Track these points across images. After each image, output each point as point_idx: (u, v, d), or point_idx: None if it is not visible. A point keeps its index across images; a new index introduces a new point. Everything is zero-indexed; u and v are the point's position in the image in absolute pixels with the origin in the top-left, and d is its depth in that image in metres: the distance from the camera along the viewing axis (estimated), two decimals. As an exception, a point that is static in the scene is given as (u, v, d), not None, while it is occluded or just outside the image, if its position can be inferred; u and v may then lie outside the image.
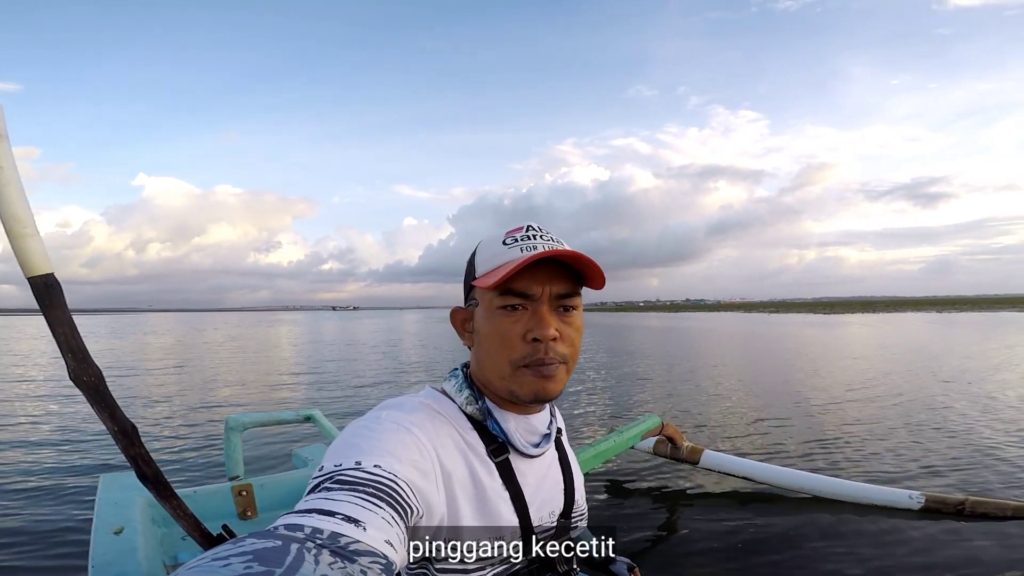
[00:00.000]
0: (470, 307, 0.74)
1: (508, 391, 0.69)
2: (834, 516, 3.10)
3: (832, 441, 4.94)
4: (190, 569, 0.36)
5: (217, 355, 15.84)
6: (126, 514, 1.68)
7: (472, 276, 0.73)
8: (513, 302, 0.68)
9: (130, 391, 8.48)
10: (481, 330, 0.70)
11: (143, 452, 1.22)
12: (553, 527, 0.75)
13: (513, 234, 0.71)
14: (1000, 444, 4.69)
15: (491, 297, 0.68)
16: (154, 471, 1.24)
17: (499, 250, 0.70)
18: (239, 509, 2.03)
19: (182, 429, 5.74)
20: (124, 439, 1.19)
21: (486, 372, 0.71)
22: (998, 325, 24.69)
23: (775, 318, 47.47)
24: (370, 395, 8.26)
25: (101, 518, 1.64)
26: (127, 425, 1.19)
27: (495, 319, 0.68)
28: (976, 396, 6.99)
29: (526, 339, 0.67)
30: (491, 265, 0.70)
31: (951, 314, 46.69)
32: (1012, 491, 3.54)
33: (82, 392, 1.13)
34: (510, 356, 0.68)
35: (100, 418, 1.17)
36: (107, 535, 1.55)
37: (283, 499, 2.14)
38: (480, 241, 0.76)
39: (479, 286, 0.69)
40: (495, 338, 0.68)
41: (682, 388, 8.34)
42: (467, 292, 0.75)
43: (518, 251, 0.68)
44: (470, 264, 0.75)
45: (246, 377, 10.59)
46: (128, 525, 1.61)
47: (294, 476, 2.24)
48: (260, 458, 4.43)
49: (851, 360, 11.76)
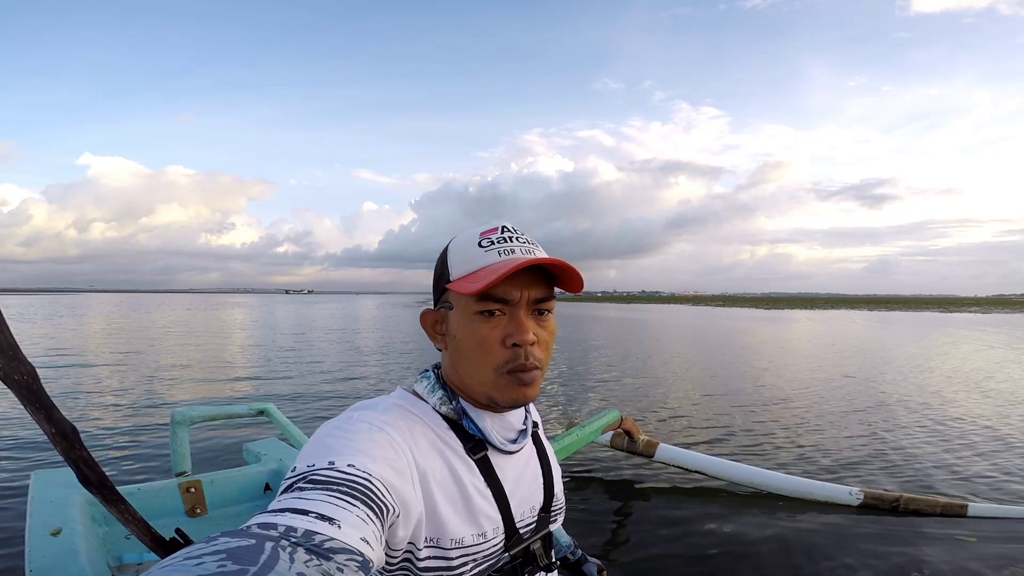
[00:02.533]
0: (442, 309, 0.71)
1: (487, 397, 0.69)
2: (779, 511, 3.24)
3: (779, 436, 5.15)
4: (163, 568, 0.35)
5: (162, 341, 15.16)
6: (64, 513, 1.56)
7: (446, 278, 0.70)
8: (492, 307, 0.66)
9: (62, 380, 8.00)
10: (458, 335, 0.68)
11: (85, 455, 1.13)
12: (534, 521, 0.75)
13: (488, 235, 0.69)
14: (932, 442, 5.00)
15: (468, 302, 0.67)
16: (98, 475, 1.15)
17: (475, 252, 0.68)
18: (187, 506, 1.93)
19: (120, 421, 5.44)
20: (64, 442, 1.09)
21: (463, 377, 0.70)
22: (934, 325, 26.33)
23: (723, 311, 49.25)
24: (326, 385, 8.07)
25: (36, 518, 1.52)
26: (66, 427, 1.09)
27: (473, 324, 0.67)
28: (913, 395, 7.42)
29: (505, 344, 0.66)
30: (468, 268, 0.68)
31: (886, 312, 49.59)
32: (946, 488, 3.78)
33: (13, 392, 1.03)
34: (491, 362, 0.67)
35: (35, 420, 1.06)
36: (44, 537, 1.44)
37: (234, 495, 2.05)
38: (452, 240, 0.73)
39: (457, 291, 0.66)
40: (473, 344, 0.67)
41: (638, 381, 8.53)
42: (438, 294, 0.72)
43: (496, 255, 0.67)
44: (442, 265, 0.72)
45: (193, 364, 10.18)
46: (66, 525, 1.50)
47: (246, 472, 2.15)
48: (208, 451, 4.26)
49: (797, 355, 12.30)
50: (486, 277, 0.64)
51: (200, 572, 0.34)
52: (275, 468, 2.21)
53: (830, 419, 5.87)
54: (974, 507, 3.16)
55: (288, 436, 2.42)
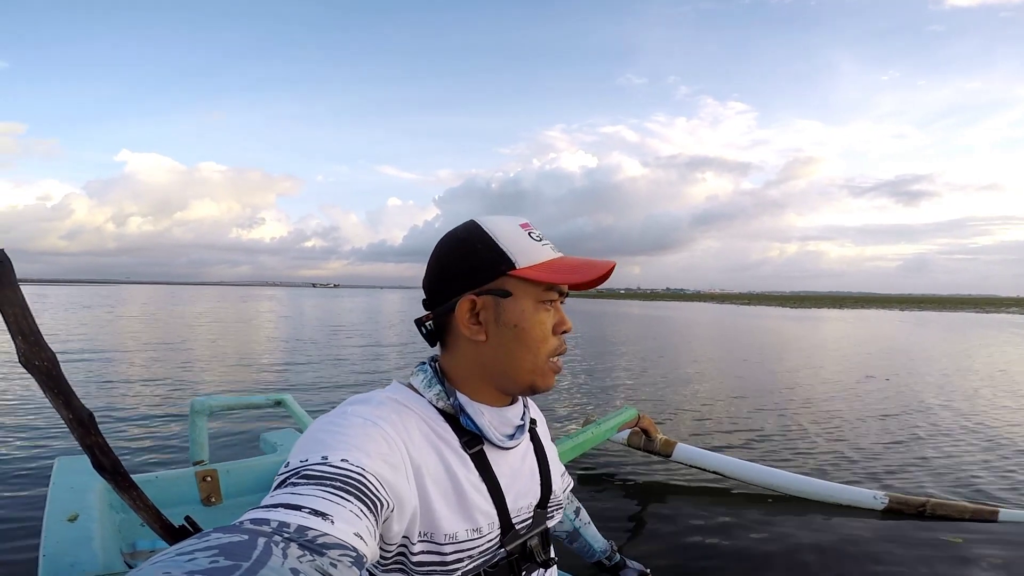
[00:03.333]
0: (489, 296, 0.69)
1: (531, 384, 0.71)
2: (801, 514, 3.16)
3: (803, 437, 5.04)
4: (154, 564, 0.35)
5: (190, 331, 15.54)
6: (82, 500, 1.61)
7: (505, 264, 0.68)
8: (555, 298, 0.71)
9: (90, 366, 8.25)
10: (520, 323, 0.69)
11: (100, 441, 1.15)
12: (530, 517, 0.75)
13: (531, 230, 0.72)
14: (962, 446, 4.83)
15: (535, 291, 0.69)
16: (112, 461, 1.18)
17: (531, 244, 0.70)
18: (203, 495, 1.97)
19: (144, 410, 5.58)
20: (80, 428, 1.12)
21: (510, 365, 0.70)
22: (967, 326, 25.49)
23: (749, 310, 48.43)
24: (345, 377, 8.17)
25: (55, 504, 1.57)
26: (83, 413, 1.12)
27: (539, 313, 0.70)
28: (946, 399, 7.19)
29: (555, 332, 0.71)
30: (535, 258, 0.69)
31: (919, 312, 48.21)
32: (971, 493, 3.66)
33: (34, 377, 1.06)
34: (547, 349, 0.70)
35: (54, 405, 1.09)
36: (60, 522, 1.48)
37: (250, 485, 2.09)
38: (486, 227, 0.71)
39: (533, 278, 0.68)
40: (539, 332, 0.70)
41: (659, 379, 8.44)
42: (481, 280, 0.69)
43: (550, 250, 0.71)
44: (491, 251, 0.69)
45: (216, 355, 10.41)
46: (84, 512, 1.54)
47: (262, 462, 2.19)
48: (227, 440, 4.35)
49: (822, 356, 12.03)
50: (573, 271, 0.69)
51: (192, 568, 0.33)
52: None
53: (856, 423, 5.72)
54: (1005, 513, 3.04)
55: (304, 427, 2.46)
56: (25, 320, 1.04)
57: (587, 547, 1.11)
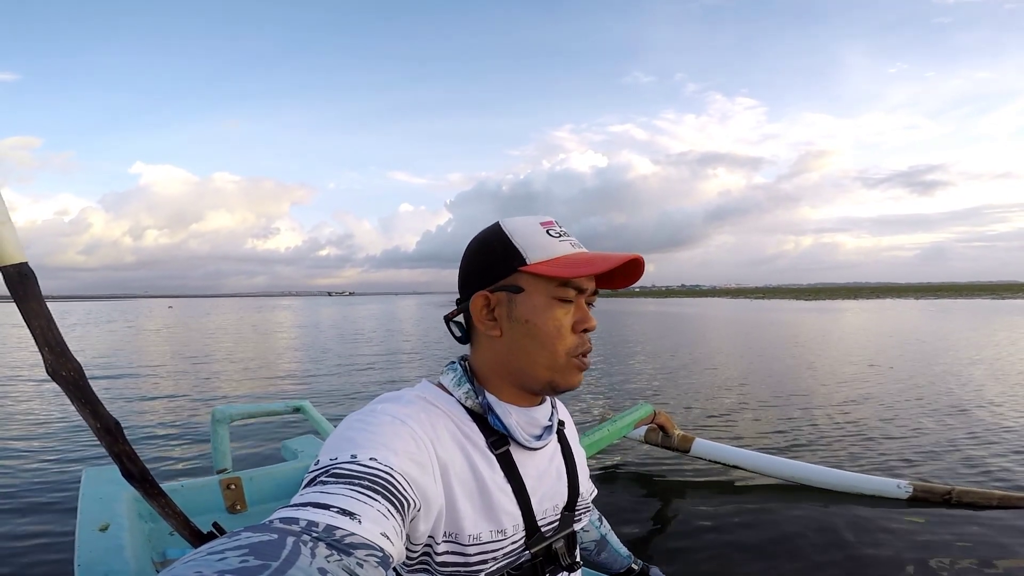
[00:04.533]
0: (501, 293, 0.69)
1: (549, 382, 0.70)
2: (824, 505, 3.13)
3: (821, 428, 4.98)
4: (186, 563, 0.35)
5: (209, 342, 15.74)
6: (111, 510, 1.64)
7: (516, 260, 0.68)
8: (570, 295, 0.68)
9: (113, 379, 8.40)
10: (532, 318, 0.68)
11: (128, 449, 1.18)
12: (557, 520, 0.74)
13: (551, 227, 0.71)
14: (987, 434, 4.75)
15: (548, 287, 0.67)
16: (140, 469, 1.21)
17: (547, 240, 0.69)
18: (228, 503, 2.00)
19: (168, 420, 5.67)
20: (107, 436, 1.15)
21: (524, 363, 0.69)
22: (984, 313, 25.00)
23: (764, 304, 47.97)
24: (362, 384, 8.23)
25: (85, 515, 1.60)
26: (110, 422, 1.15)
27: (552, 309, 0.68)
28: (968, 385, 7.07)
29: (575, 330, 0.69)
30: (547, 254, 0.68)
31: (935, 300, 47.50)
32: (998, 481, 3.60)
33: (61, 388, 1.09)
34: (564, 347, 0.68)
35: (81, 415, 1.12)
36: (92, 532, 1.51)
37: (273, 492, 2.11)
38: (504, 225, 0.71)
39: (543, 273, 0.67)
40: (552, 328, 0.68)
41: (674, 375, 8.39)
42: (495, 277, 0.70)
43: (568, 246, 0.69)
44: (505, 247, 0.69)
45: (235, 365, 10.53)
46: (114, 521, 1.57)
47: (284, 468, 2.21)
48: (248, 448, 4.40)
49: (841, 346, 11.88)
50: (584, 264, 0.67)
51: (222, 567, 0.34)
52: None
53: (875, 413, 5.64)
54: (1035, 500, 2.99)
55: (323, 433, 2.48)
56: (51, 332, 1.07)
57: (614, 557, 1.08)
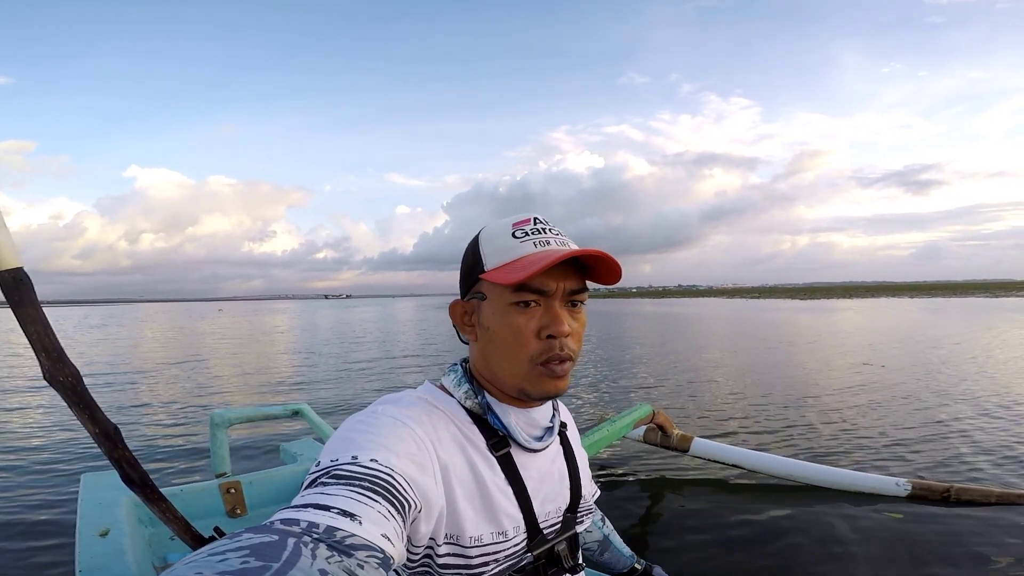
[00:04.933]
0: (474, 300, 0.70)
1: (519, 389, 0.68)
2: (823, 503, 3.13)
3: (820, 427, 4.99)
4: (187, 564, 0.35)
5: (206, 346, 15.69)
6: (111, 515, 1.64)
7: (478, 268, 0.69)
8: (528, 298, 0.66)
9: (111, 384, 8.36)
10: (491, 326, 0.68)
11: (127, 455, 1.18)
12: (559, 522, 0.74)
13: (521, 226, 0.69)
14: (983, 431, 4.77)
15: (504, 292, 0.66)
16: (140, 474, 1.20)
17: (509, 243, 0.68)
18: (228, 507, 2.00)
19: (167, 424, 5.65)
20: (107, 442, 1.14)
21: (494, 369, 0.69)
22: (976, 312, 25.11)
23: (759, 303, 48.16)
24: (360, 385, 8.21)
25: (85, 520, 1.60)
26: (109, 427, 1.14)
27: (509, 315, 0.66)
28: (963, 384, 7.09)
29: (540, 336, 0.66)
30: (504, 258, 0.67)
31: (929, 299, 47.81)
32: (997, 477, 3.61)
33: (59, 393, 1.08)
34: (525, 353, 0.66)
35: (79, 420, 1.12)
36: (93, 537, 1.51)
37: (273, 495, 2.11)
38: (482, 230, 0.72)
39: (493, 280, 0.66)
40: (509, 335, 0.66)
41: (672, 375, 8.40)
42: (469, 284, 0.71)
43: (531, 245, 0.67)
44: (473, 255, 0.70)
45: (233, 370, 10.50)
46: (114, 526, 1.57)
47: (283, 472, 2.21)
48: (245, 451, 4.39)
49: (836, 346, 11.91)
50: (525, 268, 0.63)
51: (223, 568, 0.34)
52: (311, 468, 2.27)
53: (866, 411, 5.66)
54: (1033, 497, 3.00)
55: (322, 436, 2.48)
56: (48, 337, 1.07)
57: (617, 557, 1.08)
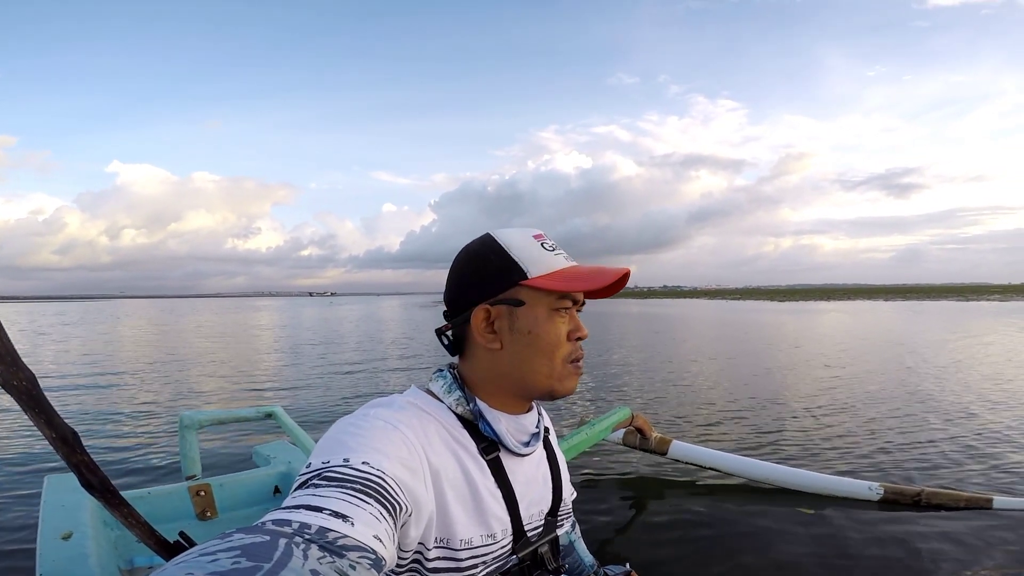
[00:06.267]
0: (502, 306, 0.72)
1: (549, 388, 0.73)
2: (798, 506, 3.17)
3: (795, 430, 5.06)
4: (177, 564, 0.35)
5: (181, 343, 15.47)
6: (75, 518, 1.60)
7: (517, 274, 0.71)
8: (567, 305, 0.73)
9: (78, 383, 8.20)
10: (534, 330, 0.71)
11: (86, 459, 1.15)
12: (541, 525, 0.76)
13: (544, 240, 0.74)
14: (958, 436, 4.86)
15: (549, 299, 0.71)
16: (100, 478, 1.17)
17: (543, 253, 0.73)
18: (197, 509, 1.96)
19: (134, 426, 5.53)
20: (64, 446, 1.11)
21: (527, 372, 0.72)
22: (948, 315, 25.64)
23: (740, 305, 48.83)
24: (336, 388, 8.15)
25: (48, 523, 1.55)
26: (66, 431, 1.11)
27: (552, 320, 0.71)
28: (937, 387, 7.23)
29: (570, 338, 0.73)
30: (547, 267, 0.72)
31: (904, 302, 48.89)
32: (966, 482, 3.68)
33: (13, 398, 1.05)
34: (562, 355, 0.72)
35: (36, 425, 1.08)
36: (55, 540, 1.47)
37: (245, 498, 2.08)
38: (499, 238, 0.74)
39: (543, 287, 0.70)
40: (553, 337, 0.71)
41: (652, 377, 8.45)
42: (497, 290, 0.72)
43: (563, 259, 0.74)
44: (504, 261, 0.72)
45: (203, 369, 10.36)
46: (77, 529, 1.53)
47: (255, 475, 2.18)
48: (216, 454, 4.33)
49: (812, 349, 12.07)
50: (583, 279, 0.71)
51: (214, 569, 0.34)
52: (284, 471, 2.23)
53: (845, 416, 5.75)
54: (999, 500, 3.07)
55: (296, 439, 2.45)
56: (1, 341, 1.04)
57: (579, 563, 1.09)
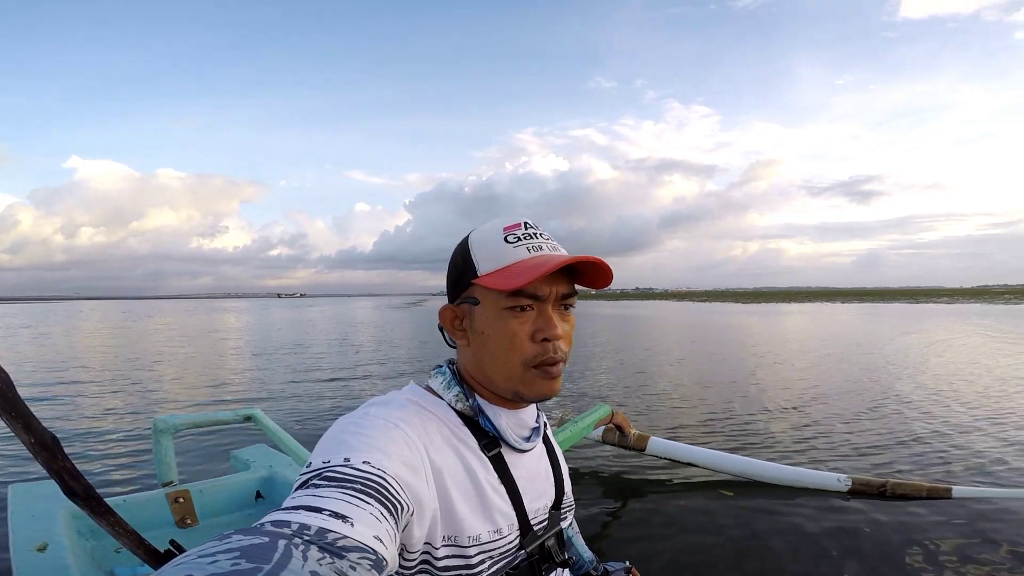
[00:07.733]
0: (465, 304, 0.71)
1: (513, 391, 0.69)
2: (771, 499, 3.27)
3: (766, 425, 5.21)
4: (176, 566, 0.35)
5: (150, 348, 14.97)
6: (48, 528, 1.53)
7: (470, 273, 0.70)
8: (523, 303, 0.67)
9: (43, 389, 7.89)
10: (486, 330, 0.69)
11: (68, 466, 1.10)
12: (546, 519, 0.76)
13: (513, 231, 0.70)
14: (917, 427, 5.08)
15: (499, 297, 0.67)
16: (84, 486, 1.13)
17: (502, 248, 0.69)
18: (177, 517, 1.91)
19: (104, 432, 5.35)
20: (45, 452, 1.07)
21: (488, 372, 0.70)
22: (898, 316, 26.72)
23: (708, 307, 49.96)
24: (314, 389, 8.01)
25: (19, 534, 1.49)
26: (46, 436, 1.07)
27: (503, 320, 0.67)
28: (901, 384, 7.52)
29: (535, 339, 0.68)
30: (497, 264, 0.68)
31: (859, 304, 50.94)
32: (927, 472, 3.86)
33: (-13, 401, 1.01)
34: (521, 357, 0.67)
35: (12, 430, 1.03)
36: (30, 552, 1.41)
37: (225, 504, 2.03)
38: (471, 234, 0.73)
39: (489, 286, 0.67)
40: (504, 339, 0.67)
41: (627, 375, 8.57)
42: (459, 289, 0.72)
43: (524, 251, 0.68)
44: (464, 259, 0.71)
45: (177, 372, 10.06)
46: (52, 540, 1.47)
47: (236, 480, 2.12)
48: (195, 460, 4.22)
49: (778, 348, 12.42)
50: (523, 274, 0.64)
51: (214, 570, 0.34)
52: (265, 475, 2.18)
53: (813, 411, 5.94)
54: (958, 490, 3.21)
55: (277, 442, 2.40)
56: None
57: (578, 558, 1.11)
